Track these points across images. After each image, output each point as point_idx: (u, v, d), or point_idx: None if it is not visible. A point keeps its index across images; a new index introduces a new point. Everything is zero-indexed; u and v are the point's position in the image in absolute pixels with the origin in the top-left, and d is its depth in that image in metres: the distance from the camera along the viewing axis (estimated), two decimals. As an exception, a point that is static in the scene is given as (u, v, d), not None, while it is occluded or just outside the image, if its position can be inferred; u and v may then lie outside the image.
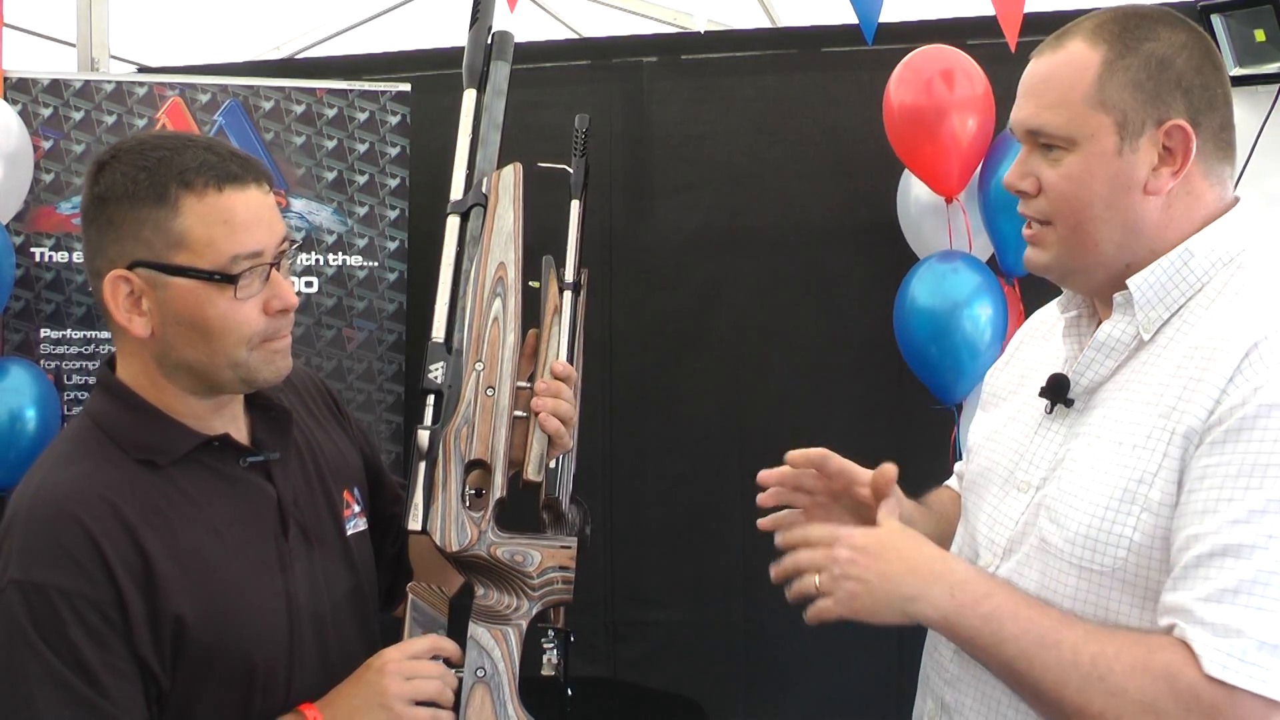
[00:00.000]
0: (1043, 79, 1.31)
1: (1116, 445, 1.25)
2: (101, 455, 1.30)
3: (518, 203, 1.48)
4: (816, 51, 3.24)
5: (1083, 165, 1.28)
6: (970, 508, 1.47)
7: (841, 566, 1.28)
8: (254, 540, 1.35)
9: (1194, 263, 1.28)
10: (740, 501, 3.32)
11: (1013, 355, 1.56)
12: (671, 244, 3.28)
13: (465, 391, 1.43)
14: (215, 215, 1.29)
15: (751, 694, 3.33)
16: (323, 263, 3.16)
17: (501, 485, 1.42)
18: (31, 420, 2.83)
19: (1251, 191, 2.81)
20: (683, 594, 3.36)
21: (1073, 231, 1.30)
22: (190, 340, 1.31)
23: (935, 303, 2.76)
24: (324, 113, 3.17)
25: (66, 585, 1.21)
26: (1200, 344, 1.24)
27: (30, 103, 3.04)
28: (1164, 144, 1.27)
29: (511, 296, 1.46)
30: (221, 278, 1.28)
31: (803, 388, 3.20)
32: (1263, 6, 2.67)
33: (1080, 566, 1.25)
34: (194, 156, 1.30)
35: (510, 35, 1.54)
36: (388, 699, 1.32)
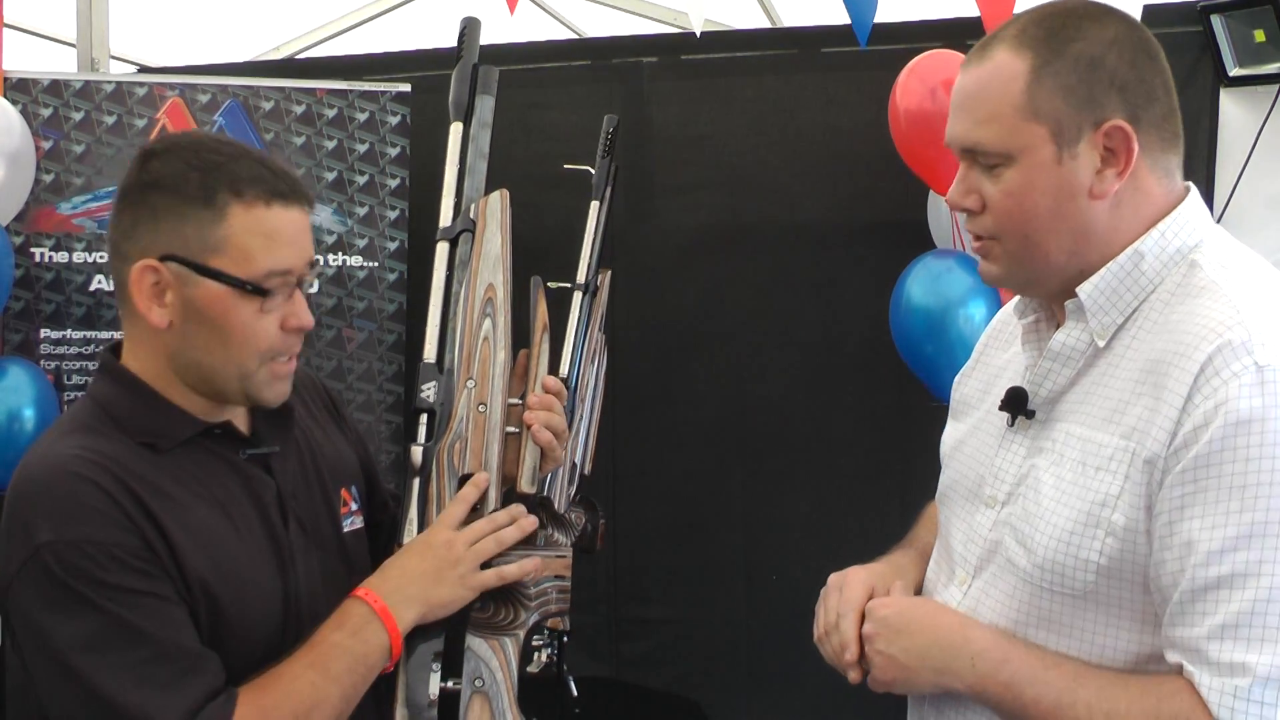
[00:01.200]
0: (971, 94, 1.27)
1: (1080, 466, 1.24)
2: (104, 434, 1.31)
3: (505, 228, 1.52)
4: (817, 52, 3.24)
5: (1023, 179, 1.23)
6: (944, 521, 1.46)
7: (870, 642, 1.32)
8: (259, 523, 1.36)
9: (1144, 264, 1.25)
10: (742, 499, 3.33)
11: (978, 360, 1.53)
12: (672, 244, 3.28)
13: (458, 408, 1.46)
14: (259, 228, 1.31)
15: (753, 691, 3.33)
16: (323, 263, 3.16)
17: (495, 499, 1.45)
18: (30, 420, 2.83)
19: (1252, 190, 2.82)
20: (685, 592, 3.37)
21: (1021, 245, 1.26)
22: (206, 342, 1.32)
23: (930, 301, 2.77)
24: (324, 113, 3.17)
25: (98, 536, 1.22)
26: (1156, 357, 1.20)
27: (30, 103, 3.04)
28: (1105, 145, 1.22)
29: (500, 316, 1.49)
30: (253, 289, 1.30)
31: (804, 386, 3.20)
32: (1263, 7, 2.67)
33: (1050, 590, 1.25)
34: (248, 168, 1.32)
35: (494, 71, 1.60)
36: (462, 569, 1.37)
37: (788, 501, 3.28)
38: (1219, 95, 2.86)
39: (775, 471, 3.29)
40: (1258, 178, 2.82)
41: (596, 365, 2.42)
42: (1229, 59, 2.79)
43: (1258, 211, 2.83)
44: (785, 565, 3.28)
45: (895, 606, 1.35)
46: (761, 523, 3.31)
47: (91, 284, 3.09)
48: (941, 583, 1.42)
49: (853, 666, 1.34)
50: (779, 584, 3.28)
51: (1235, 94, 2.85)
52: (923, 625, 1.31)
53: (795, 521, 3.26)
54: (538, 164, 3.33)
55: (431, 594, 1.36)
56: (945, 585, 1.40)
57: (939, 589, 1.42)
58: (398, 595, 1.34)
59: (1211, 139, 2.87)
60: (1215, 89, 2.86)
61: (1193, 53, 2.86)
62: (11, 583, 1.24)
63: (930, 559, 1.51)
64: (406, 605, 1.34)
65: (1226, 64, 2.79)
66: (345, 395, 3.18)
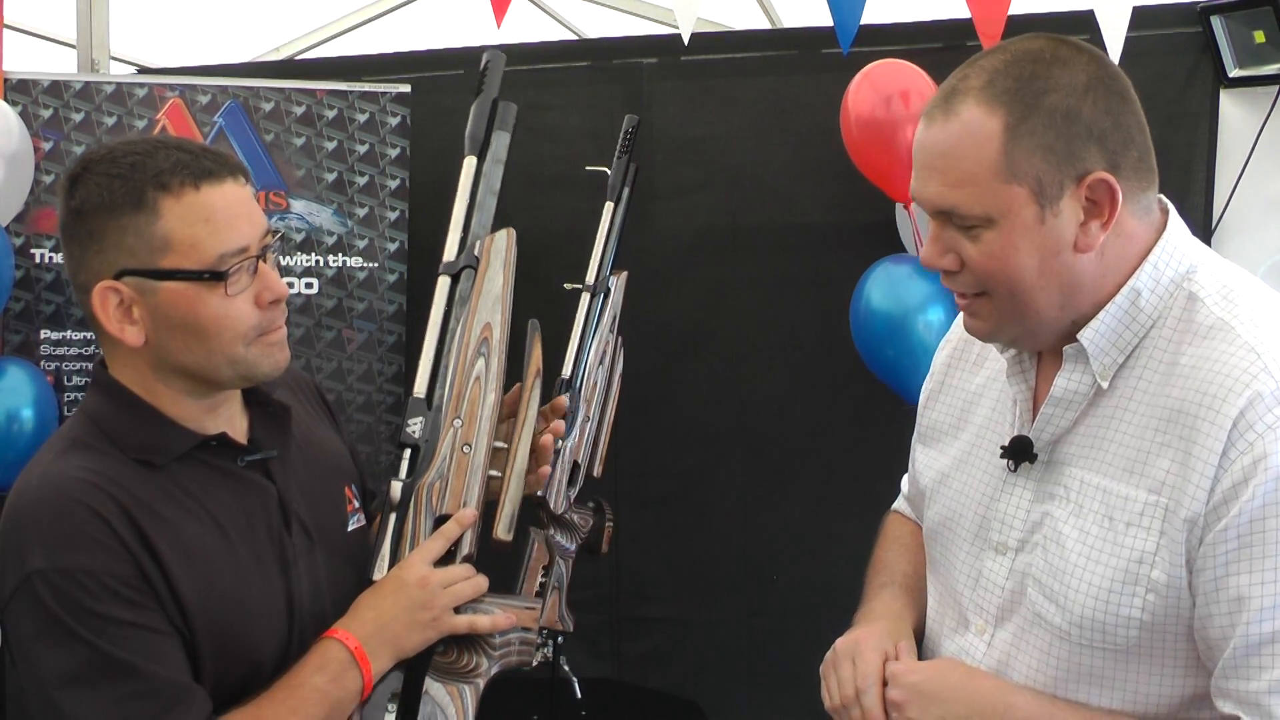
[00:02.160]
0: (942, 154, 1.20)
1: (1107, 520, 1.21)
2: (100, 451, 1.29)
3: (509, 267, 1.50)
4: (816, 53, 3.24)
5: (1004, 240, 1.18)
6: (939, 559, 1.42)
7: (900, 710, 1.27)
8: (257, 536, 1.35)
9: (1141, 301, 1.22)
10: (743, 500, 3.33)
11: (943, 382, 1.49)
12: (672, 245, 3.28)
13: (442, 447, 1.44)
14: (196, 214, 1.27)
15: (753, 691, 3.33)
16: (323, 264, 3.16)
17: (470, 542, 1.43)
18: (29, 421, 2.82)
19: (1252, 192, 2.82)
20: (686, 592, 3.37)
21: (1010, 302, 1.22)
22: (185, 343, 1.30)
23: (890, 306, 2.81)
24: (324, 114, 3.17)
25: (91, 565, 1.20)
26: (1177, 406, 1.18)
27: (30, 104, 3.04)
28: (1087, 198, 1.18)
29: (495, 358, 1.48)
30: (210, 276, 1.27)
31: (804, 387, 3.20)
32: (1263, 8, 2.67)
33: (1090, 646, 1.22)
34: (166, 157, 1.28)
35: (513, 107, 1.58)
36: (434, 611, 1.35)
37: (788, 501, 3.28)
38: (1219, 96, 2.86)
39: (776, 472, 3.29)
40: (1258, 179, 2.82)
41: (608, 367, 2.41)
42: (1229, 60, 2.79)
43: (1258, 212, 2.83)
44: (786, 565, 3.28)
45: (924, 672, 1.30)
46: (762, 523, 3.31)
47: (91, 285, 3.09)
48: (950, 628, 1.38)
49: None
50: (779, 584, 3.29)
51: (1235, 95, 2.85)
52: (958, 692, 1.27)
53: (795, 521, 3.27)
54: (537, 165, 3.34)
55: (404, 640, 1.35)
56: (957, 632, 1.36)
57: (949, 636, 1.38)
58: (375, 640, 1.33)
59: (1211, 140, 2.87)
60: (1215, 90, 2.86)
61: (1192, 54, 2.86)
62: (6, 604, 1.23)
63: (923, 589, 1.47)
64: (381, 649, 1.33)
65: (1226, 65, 2.79)
66: (345, 396, 3.18)
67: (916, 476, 1.52)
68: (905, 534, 1.61)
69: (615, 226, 2.52)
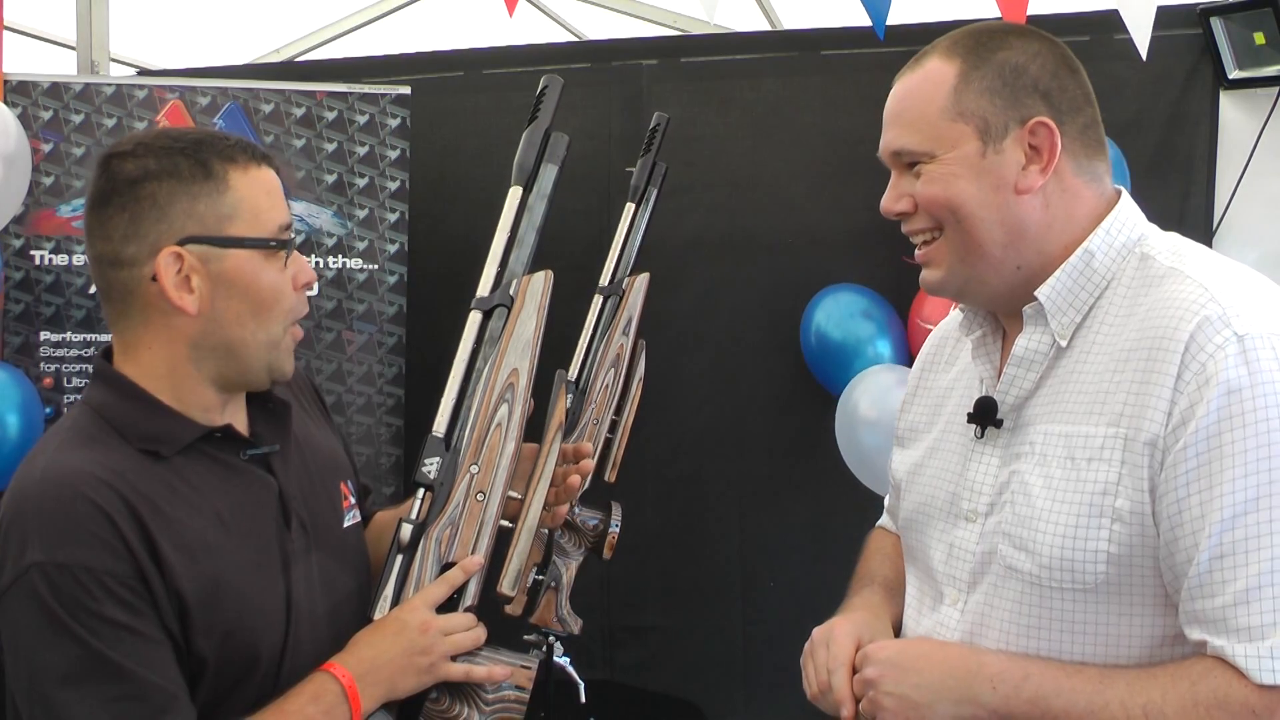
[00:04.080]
0: (901, 100, 1.34)
1: (1069, 462, 1.25)
2: (104, 442, 1.29)
3: (542, 311, 1.47)
4: (816, 54, 3.24)
5: (943, 170, 1.29)
6: (915, 546, 1.45)
7: (877, 686, 1.29)
8: (258, 531, 1.35)
9: (1095, 262, 1.29)
10: (738, 505, 3.33)
11: (917, 388, 1.55)
12: (671, 246, 3.27)
13: (456, 493, 1.42)
14: (260, 186, 1.34)
15: (748, 698, 3.33)
16: (323, 265, 3.16)
17: (475, 594, 1.41)
18: (13, 426, 2.79)
19: (1252, 193, 2.82)
20: (680, 598, 3.36)
21: (958, 235, 1.30)
22: (239, 314, 1.32)
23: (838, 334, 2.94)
24: (324, 115, 3.18)
25: (91, 562, 1.20)
26: (1134, 344, 1.24)
27: (30, 105, 3.04)
28: (1029, 143, 1.28)
29: (518, 405, 1.45)
30: (277, 244, 1.33)
31: (801, 391, 3.20)
32: (1262, 9, 2.67)
33: (1061, 589, 1.25)
34: (223, 139, 1.34)
35: (564, 139, 1.56)
36: (433, 658, 1.35)
37: (784, 507, 3.27)
38: (1219, 98, 2.86)
39: (771, 476, 3.28)
40: (1258, 180, 2.82)
41: (622, 370, 2.38)
42: (1229, 62, 2.79)
43: (1258, 213, 2.83)
44: (781, 572, 3.28)
45: (895, 646, 1.34)
46: (757, 529, 3.31)
47: (92, 287, 3.08)
48: (928, 606, 1.41)
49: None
50: (775, 591, 3.28)
51: (1235, 96, 2.85)
52: (930, 659, 1.30)
53: (791, 526, 3.26)
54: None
55: (399, 683, 1.35)
56: (933, 608, 1.39)
57: (925, 614, 1.41)
58: (369, 679, 1.33)
59: (1211, 141, 2.87)
60: (1215, 91, 2.86)
61: (1193, 55, 2.86)
62: (3, 595, 1.23)
63: (903, 590, 1.50)
64: (374, 688, 1.33)
65: (1226, 67, 2.79)
66: (345, 398, 3.18)
67: (893, 479, 1.55)
68: (887, 544, 1.64)
69: (637, 227, 2.47)
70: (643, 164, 2.47)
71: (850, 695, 1.33)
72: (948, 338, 1.53)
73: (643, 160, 2.47)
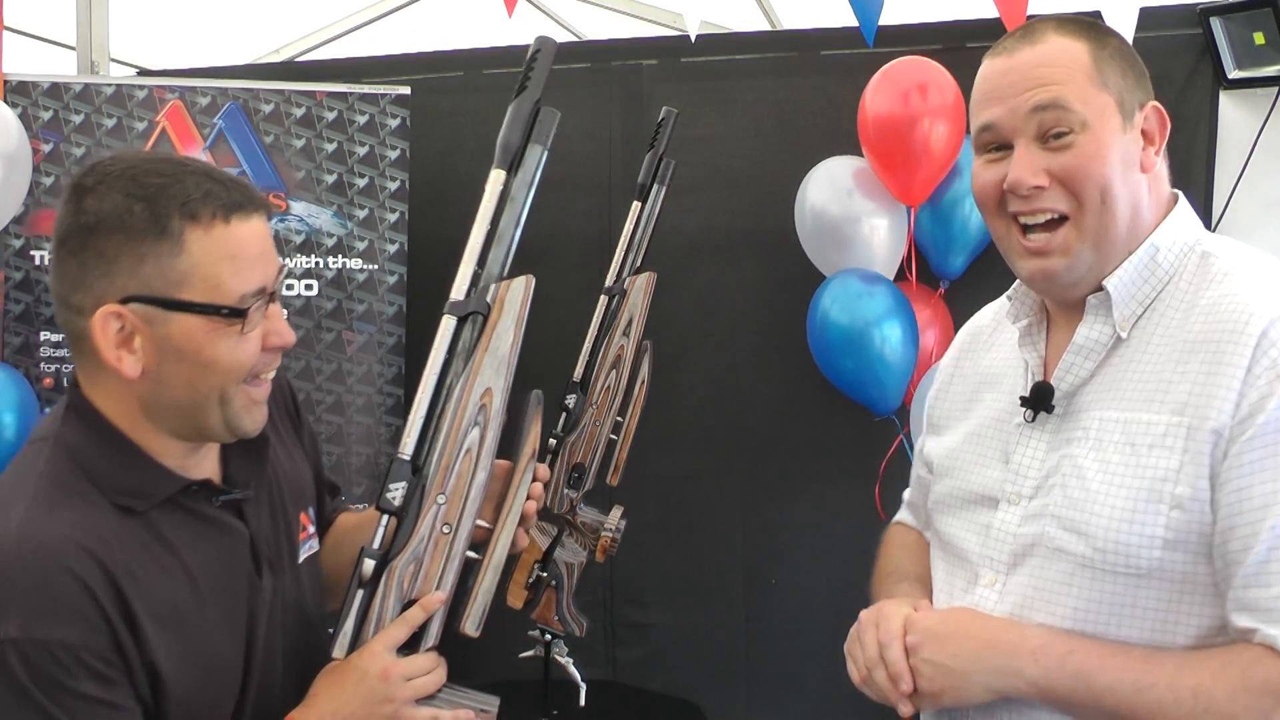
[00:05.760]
0: (1038, 65, 1.28)
1: (1128, 447, 1.24)
2: (81, 498, 1.22)
3: (520, 323, 1.34)
4: (816, 54, 3.24)
5: (1098, 142, 1.26)
6: (947, 530, 1.44)
7: (916, 653, 1.28)
8: (227, 587, 1.30)
9: (1160, 256, 1.30)
10: (740, 503, 3.33)
11: (953, 374, 1.54)
12: (671, 246, 3.27)
13: (421, 525, 1.33)
14: (223, 250, 1.21)
15: (751, 696, 3.33)
16: (322, 265, 3.17)
17: (437, 633, 1.35)
18: (10, 426, 2.79)
19: (1251, 193, 2.82)
20: (682, 596, 3.36)
21: (1098, 212, 1.27)
22: (189, 379, 1.23)
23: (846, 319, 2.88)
24: (324, 116, 3.18)
25: (70, 639, 1.15)
26: (1201, 336, 1.24)
27: (30, 106, 3.04)
28: (1142, 126, 1.30)
29: (490, 429, 1.34)
30: (230, 313, 1.22)
31: (803, 390, 3.20)
32: (1262, 9, 2.67)
33: (1113, 573, 1.23)
34: (196, 185, 1.21)
35: (555, 115, 1.39)
36: (395, 705, 1.30)
37: (786, 504, 3.27)
38: (1219, 98, 2.86)
39: (773, 474, 3.28)
40: (1257, 180, 2.82)
41: (623, 372, 2.36)
42: (1228, 61, 2.79)
43: (1257, 214, 2.83)
44: (784, 569, 3.28)
45: (937, 615, 1.33)
46: (760, 526, 3.31)
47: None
48: (960, 589, 1.39)
49: (905, 700, 1.29)
50: (778, 588, 3.28)
51: (1235, 96, 2.85)
52: (970, 629, 1.29)
53: (793, 524, 3.26)
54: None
55: None
56: (966, 590, 1.37)
57: (956, 596, 1.39)
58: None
59: (1211, 141, 2.87)
60: (1215, 91, 2.86)
61: (1192, 55, 2.86)
62: None
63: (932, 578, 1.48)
64: None
65: (1226, 66, 2.79)
66: (345, 398, 3.18)
67: (927, 463, 1.54)
68: (910, 540, 1.63)
69: (641, 226, 2.41)
70: (649, 160, 2.44)
71: (907, 669, 1.28)
72: (983, 327, 1.54)
73: (649, 156, 2.44)
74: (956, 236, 2.91)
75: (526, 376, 1.43)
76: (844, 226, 2.95)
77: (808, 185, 3.00)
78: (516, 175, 1.37)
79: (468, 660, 1.43)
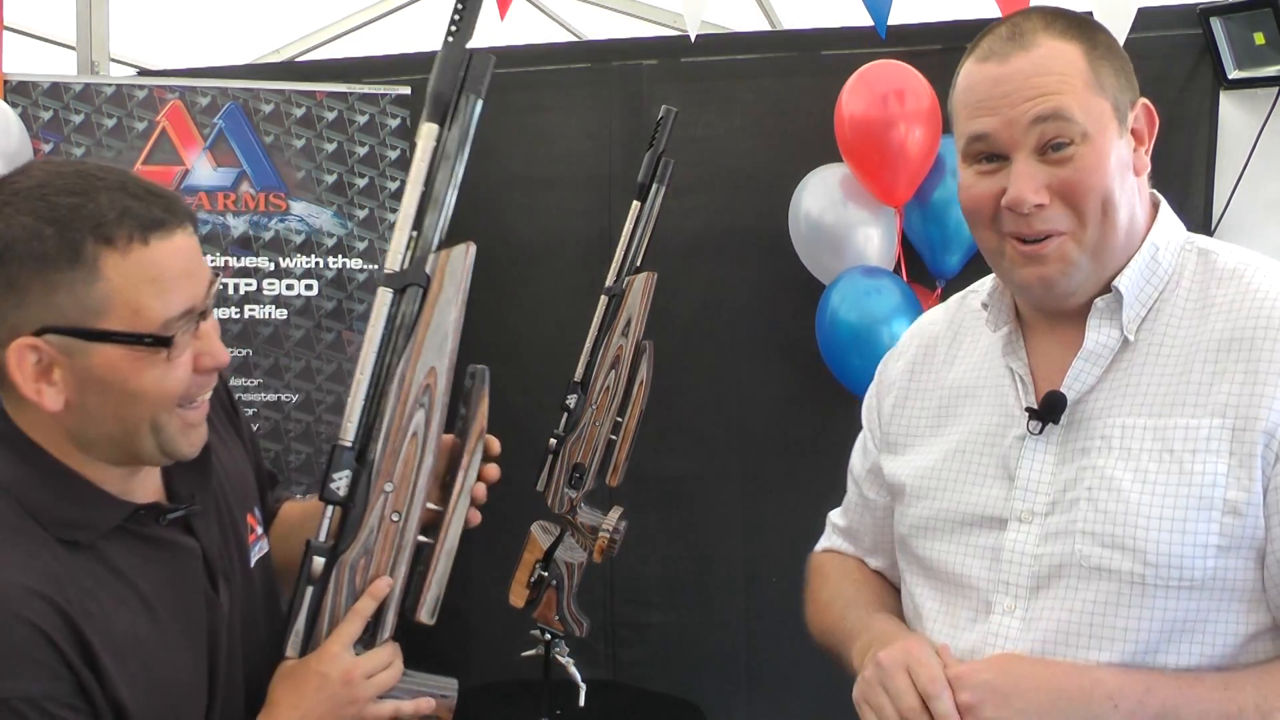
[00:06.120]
0: (1037, 73, 1.21)
1: (1167, 454, 1.19)
2: (24, 537, 1.15)
3: (463, 294, 1.26)
4: (816, 54, 3.24)
5: (1098, 153, 1.21)
6: (936, 556, 1.34)
7: (975, 713, 1.16)
8: (184, 608, 1.26)
9: (1160, 255, 1.28)
10: (740, 503, 3.33)
11: (909, 389, 1.45)
12: (671, 246, 3.27)
13: (370, 516, 1.28)
14: (142, 274, 1.12)
15: (752, 696, 3.33)
16: (322, 265, 3.17)
17: (391, 624, 1.31)
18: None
19: (1251, 193, 2.82)
20: (682, 596, 3.36)
21: (1100, 225, 1.22)
22: (116, 409, 1.16)
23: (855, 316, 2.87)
24: (324, 116, 3.18)
25: (30, 691, 1.09)
26: (1231, 335, 1.20)
27: (30, 105, 3.04)
28: (1132, 126, 1.27)
29: (436, 411, 1.27)
30: (154, 340, 1.13)
31: (802, 390, 3.20)
32: (1262, 9, 2.67)
33: (1166, 587, 1.18)
34: (110, 203, 1.11)
35: (490, 59, 1.26)
36: (360, 706, 1.28)
37: (786, 504, 3.27)
38: (1219, 98, 2.86)
39: (774, 474, 3.28)
40: (1257, 180, 2.82)
41: (622, 372, 2.36)
42: (1228, 62, 2.79)
43: (1257, 214, 2.83)
44: (784, 568, 3.26)
45: (990, 669, 1.19)
46: (760, 526, 3.30)
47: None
48: (966, 620, 1.29)
49: None
50: (778, 587, 3.28)
51: (1235, 97, 2.85)
52: (1033, 679, 1.18)
53: (794, 524, 3.24)
54: (536, 167, 3.34)
55: None
56: (976, 620, 1.28)
57: (964, 628, 1.29)
58: None
59: (1211, 142, 2.87)
60: (1215, 92, 2.86)
61: (1192, 55, 2.86)
62: None
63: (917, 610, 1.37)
64: None
65: (1226, 67, 2.79)
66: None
67: (889, 485, 1.46)
68: (851, 569, 1.55)
69: (640, 226, 2.40)
70: (648, 159, 2.44)
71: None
72: (938, 338, 1.46)
73: (648, 155, 2.44)
74: (951, 236, 2.91)
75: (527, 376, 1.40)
76: (837, 231, 2.96)
77: (802, 193, 3.01)
78: (451, 129, 1.26)
79: (469, 660, 1.42)
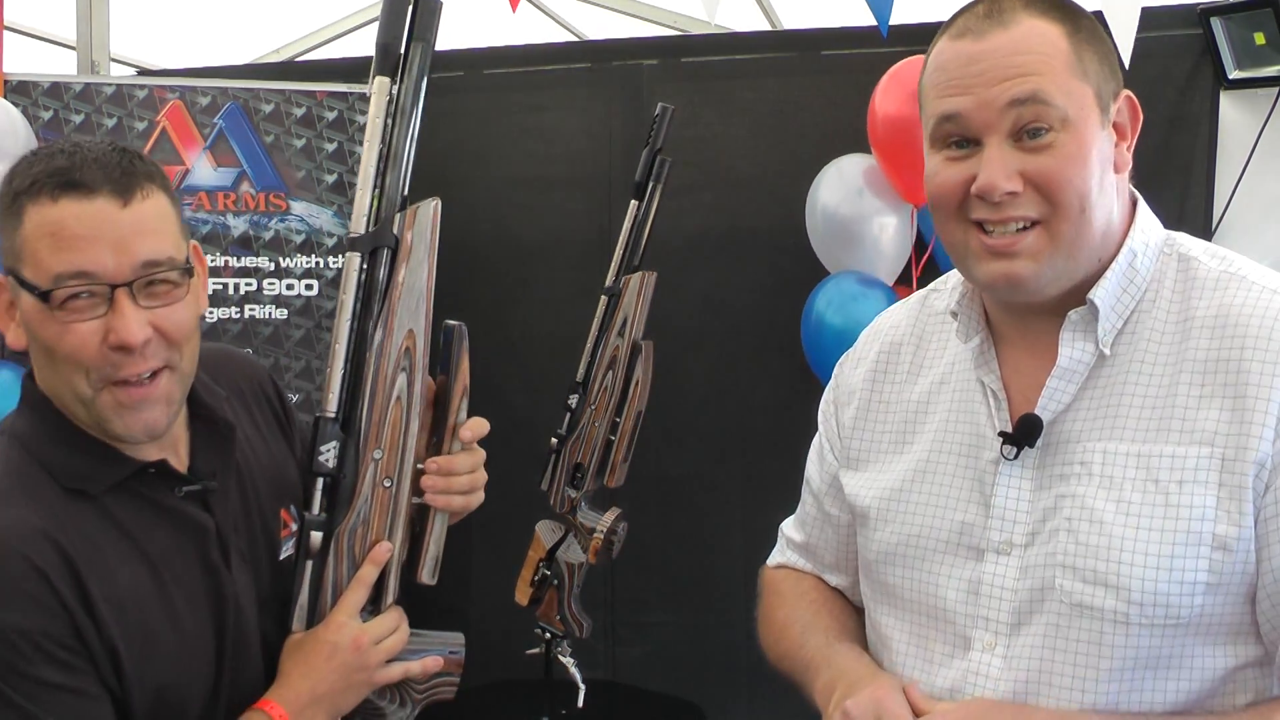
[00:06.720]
0: (1016, 51, 1.11)
1: (1151, 484, 1.11)
2: (34, 486, 1.21)
3: (433, 252, 1.24)
4: (816, 54, 3.24)
5: (1079, 142, 1.11)
6: (907, 585, 1.25)
7: None
8: (191, 576, 1.28)
9: (1138, 262, 1.17)
10: (740, 503, 3.33)
11: (870, 400, 1.36)
12: (671, 246, 3.27)
13: (362, 485, 1.28)
14: (44, 228, 1.17)
15: (752, 695, 3.32)
16: (323, 265, 3.17)
17: (393, 589, 1.33)
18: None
19: (1251, 193, 2.82)
20: (683, 596, 3.37)
21: (1075, 220, 1.12)
22: (43, 361, 1.23)
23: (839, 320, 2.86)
24: (324, 115, 3.18)
25: (25, 625, 1.14)
26: (1215, 356, 1.12)
27: (31, 105, 3.04)
28: (1114, 119, 1.16)
29: (418, 372, 1.26)
30: (39, 293, 1.17)
31: (803, 390, 3.19)
32: (1263, 9, 2.67)
33: (1150, 626, 1.10)
34: (49, 163, 1.19)
35: (438, 5, 1.22)
36: (370, 671, 1.31)
37: (787, 504, 3.26)
38: (1219, 98, 2.87)
39: (775, 474, 3.27)
40: (1257, 180, 2.82)
41: (619, 373, 2.36)
42: (1229, 62, 2.79)
43: (1257, 214, 2.83)
44: (785, 568, 3.27)
45: (963, 712, 1.14)
46: (761, 526, 3.28)
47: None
48: (942, 655, 1.22)
49: None
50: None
51: (1235, 97, 2.85)
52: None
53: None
54: (536, 166, 3.34)
55: (341, 703, 1.30)
56: (953, 656, 1.21)
57: (940, 663, 1.22)
58: (312, 710, 1.28)
59: (1211, 142, 2.87)
60: (1215, 92, 2.86)
61: (1193, 55, 2.86)
62: None
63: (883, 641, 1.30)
64: (318, 716, 1.28)
65: (1226, 67, 2.80)
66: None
67: (850, 503, 1.37)
68: (807, 588, 1.45)
69: (638, 225, 2.38)
70: (645, 157, 2.43)
71: None
72: (900, 345, 1.36)
73: (645, 153, 2.43)
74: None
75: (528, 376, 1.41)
76: (853, 225, 2.93)
77: (820, 183, 2.99)
78: (404, 82, 1.23)
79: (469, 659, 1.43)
